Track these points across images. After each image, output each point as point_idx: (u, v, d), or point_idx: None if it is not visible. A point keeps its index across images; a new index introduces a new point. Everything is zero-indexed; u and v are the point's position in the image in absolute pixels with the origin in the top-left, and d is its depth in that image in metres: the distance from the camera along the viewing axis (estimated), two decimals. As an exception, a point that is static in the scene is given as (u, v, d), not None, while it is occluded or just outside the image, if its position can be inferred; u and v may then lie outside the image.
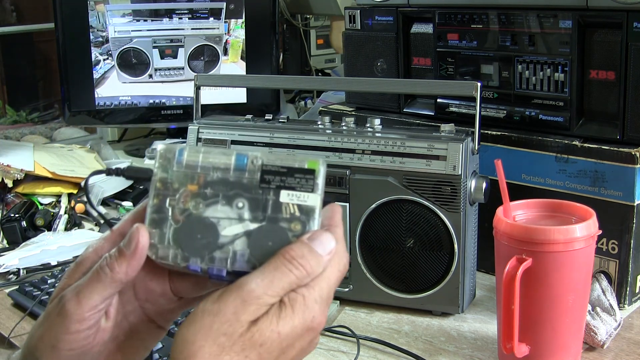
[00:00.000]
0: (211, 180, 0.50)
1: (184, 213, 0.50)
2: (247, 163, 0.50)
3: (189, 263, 0.49)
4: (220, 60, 1.74)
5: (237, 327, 0.46)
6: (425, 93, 1.17)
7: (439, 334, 0.95)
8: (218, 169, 0.50)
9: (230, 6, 1.72)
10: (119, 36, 1.69)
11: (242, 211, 0.49)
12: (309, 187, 0.49)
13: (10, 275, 1.16)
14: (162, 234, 0.50)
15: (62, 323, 0.50)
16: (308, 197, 0.49)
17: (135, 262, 0.50)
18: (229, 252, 0.49)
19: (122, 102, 1.73)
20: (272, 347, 0.47)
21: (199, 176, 0.50)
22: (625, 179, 0.93)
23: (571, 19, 0.96)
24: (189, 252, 0.49)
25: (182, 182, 0.50)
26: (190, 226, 0.49)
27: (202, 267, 0.49)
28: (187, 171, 0.50)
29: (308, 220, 0.49)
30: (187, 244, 0.49)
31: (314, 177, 0.49)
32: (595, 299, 0.92)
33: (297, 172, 0.49)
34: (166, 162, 0.51)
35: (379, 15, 1.20)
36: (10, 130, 2.07)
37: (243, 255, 0.49)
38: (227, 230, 0.49)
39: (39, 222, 1.33)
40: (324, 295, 0.49)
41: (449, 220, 0.94)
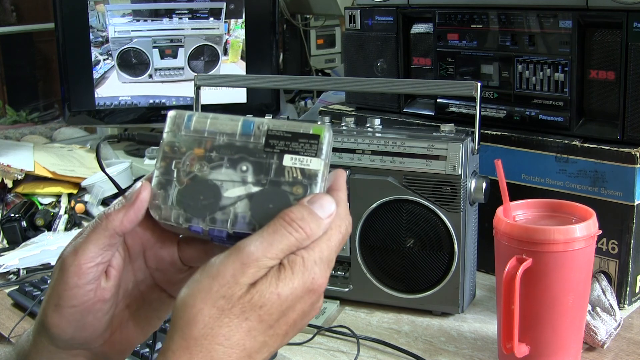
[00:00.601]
0: (217, 144, 0.50)
1: (189, 175, 0.50)
2: (254, 128, 0.50)
3: (190, 224, 0.50)
4: (220, 60, 1.74)
5: (236, 289, 0.46)
6: (425, 93, 1.17)
7: (439, 334, 0.95)
8: (224, 134, 0.50)
9: (230, 6, 1.72)
10: (119, 36, 1.69)
11: (246, 174, 0.49)
12: (312, 151, 0.49)
13: (10, 275, 1.16)
14: (166, 195, 0.50)
15: (62, 279, 0.51)
16: (311, 161, 0.49)
17: (132, 214, 0.50)
18: (230, 214, 0.49)
19: (122, 102, 1.73)
20: (272, 308, 0.47)
21: (206, 141, 0.50)
22: (625, 179, 0.93)
23: (571, 19, 0.96)
24: (191, 213, 0.50)
25: (189, 146, 0.51)
26: (193, 188, 0.50)
27: (204, 227, 0.49)
28: (195, 135, 0.51)
29: (310, 184, 0.49)
30: (189, 205, 0.50)
31: (318, 142, 0.49)
32: (595, 299, 0.92)
33: (302, 137, 0.49)
34: (175, 127, 0.51)
35: (379, 15, 1.20)
36: (10, 130, 2.07)
37: (244, 217, 0.49)
38: (230, 192, 0.49)
39: (39, 222, 1.33)
40: (324, 257, 0.49)
41: (449, 220, 0.94)
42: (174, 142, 0.51)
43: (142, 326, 0.56)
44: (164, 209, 0.50)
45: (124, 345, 0.56)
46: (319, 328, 0.95)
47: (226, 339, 0.46)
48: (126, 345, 0.56)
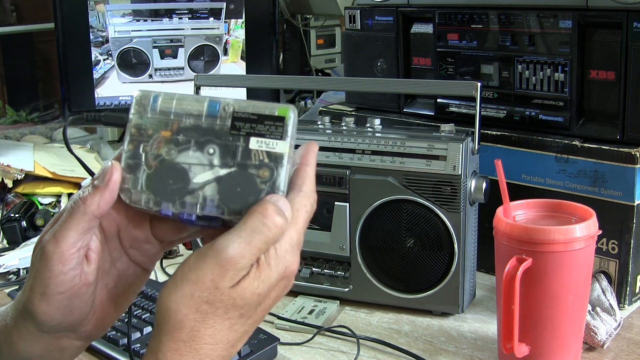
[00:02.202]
0: (184, 126, 0.51)
1: (157, 159, 0.51)
2: (219, 109, 0.51)
3: (160, 208, 0.51)
4: (220, 60, 1.74)
5: (218, 294, 0.48)
6: (425, 93, 1.17)
7: (439, 334, 0.95)
8: (191, 116, 0.51)
9: (230, 6, 1.72)
10: (119, 36, 1.69)
11: (213, 157, 0.50)
12: (278, 134, 0.50)
13: (10, 275, 1.16)
14: (135, 179, 0.51)
15: (45, 267, 0.51)
16: (277, 144, 0.50)
17: (108, 195, 0.51)
18: (199, 198, 0.50)
19: (122, 102, 1.73)
20: (252, 305, 0.49)
21: (173, 123, 0.51)
22: (625, 179, 0.93)
23: (571, 19, 0.96)
24: (161, 197, 0.50)
25: (156, 129, 0.51)
26: (162, 172, 0.50)
27: (173, 211, 0.50)
28: (161, 117, 0.51)
29: (276, 167, 0.50)
30: (158, 189, 0.50)
31: (283, 124, 0.50)
32: (595, 299, 0.92)
33: (267, 119, 0.50)
34: (141, 108, 0.52)
35: (379, 15, 1.20)
36: (10, 130, 2.07)
37: (213, 200, 0.50)
38: (198, 177, 0.50)
39: (39, 222, 1.33)
40: (294, 243, 0.51)
41: (449, 220, 0.94)
42: (141, 124, 0.51)
43: (119, 302, 0.58)
44: (134, 193, 0.51)
45: (103, 323, 0.57)
46: (319, 328, 0.95)
47: (212, 338, 0.49)
48: (105, 322, 0.58)
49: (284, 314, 1.00)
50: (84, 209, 0.51)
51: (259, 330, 0.92)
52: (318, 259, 1.05)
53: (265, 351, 0.88)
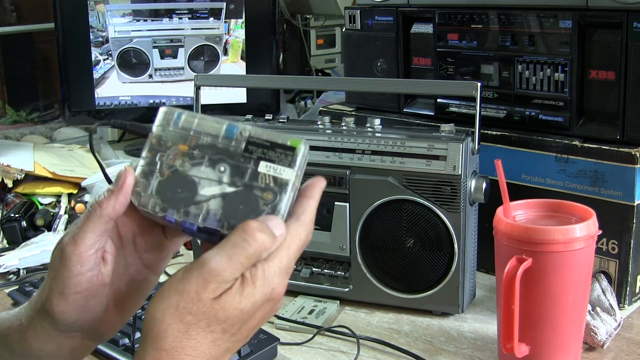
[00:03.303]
0: (201, 143, 0.54)
1: (171, 168, 0.54)
2: (236, 133, 0.54)
3: (165, 213, 0.53)
4: (220, 60, 1.74)
5: (201, 306, 0.50)
6: (425, 93, 1.17)
7: (439, 334, 0.95)
8: (209, 135, 0.54)
9: (230, 6, 1.72)
10: (119, 36, 1.69)
11: (223, 175, 0.53)
12: (287, 162, 0.52)
13: (10, 275, 1.16)
14: (147, 184, 0.54)
15: (64, 268, 0.54)
16: (284, 170, 0.52)
17: (122, 198, 0.54)
18: (203, 209, 0.53)
19: (122, 102, 1.73)
20: (235, 320, 0.51)
21: (191, 139, 0.54)
22: (625, 179, 0.93)
23: (571, 19, 0.96)
24: (168, 204, 0.53)
25: (175, 142, 0.54)
26: (173, 181, 0.53)
27: (177, 219, 0.53)
28: (182, 132, 0.54)
29: (280, 191, 0.52)
30: (167, 196, 0.53)
31: (293, 154, 0.53)
32: (595, 299, 0.92)
33: (279, 147, 0.53)
34: (165, 122, 0.55)
35: (379, 15, 1.20)
36: (10, 130, 2.07)
37: (215, 214, 0.52)
38: (206, 190, 0.53)
39: (39, 222, 1.33)
40: (283, 267, 0.52)
41: (449, 220, 0.94)
42: (162, 135, 0.54)
43: (129, 305, 0.60)
44: (143, 197, 0.54)
45: (114, 324, 0.60)
46: (319, 328, 0.95)
47: (193, 350, 0.50)
48: (115, 324, 0.60)
49: (284, 314, 1.00)
50: (100, 212, 0.54)
51: (259, 330, 0.92)
52: (318, 259, 1.05)
53: (265, 351, 0.88)
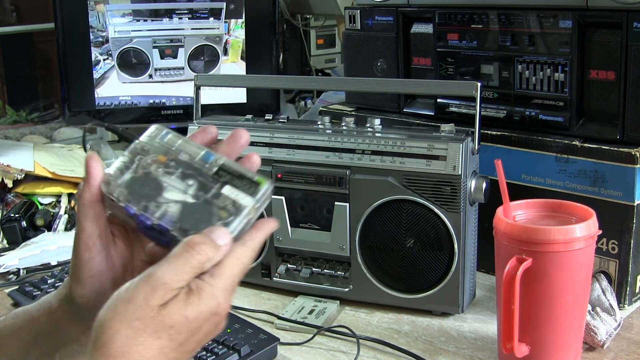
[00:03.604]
0: (179, 159, 0.59)
1: (145, 170, 0.59)
2: (212, 159, 0.58)
3: (127, 204, 0.57)
4: (220, 60, 1.74)
5: (148, 311, 0.52)
6: (425, 93, 1.17)
7: (439, 334, 0.95)
8: (188, 154, 0.59)
9: (230, 6, 1.72)
10: (119, 36, 1.69)
11: (189, 188, 0.58)
12: (249, 192, 0.57)
13: (10, 275, 1.16)
14: (119, 176, 0.59)
15: (76, 256, 0.60)
16: (244, 198, 0.56)
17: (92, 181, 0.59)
18: (161, 209, 0.57)
19: (122, 102, 1.73)
20: (181, 329, 0.53)
21: (172, 153, 0.59)
22: (625, 179, 0.93)
23: (571, 19, 0.96)
24: (132, 196, 0.57)
25: (156, 152, 0.60)
26: (144, 179, 0.58)
27: (135, 211, 0.57)
28: (165, 146, 0.60)
29: (235, 214, 0.56)
30: (133, 189, 0.58)
31: (257, 188, 0.57)
32: (595, 299, 0.92)
33: (247, 179, 0.57)
34: (153, 135, 0.61)
35: (379, 15, 1.20)
36: (10, 130, 2.07)
37: (171, 216, 0.56)
38: (170, 194, 0.57)
39: (39, 222, 1.33)
40: (228, 285, 0.55)
41: (449, 220, 0.94)
42: (146, 144, 0.60)
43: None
44: (112, 185, 0.58)
45: None
46: (319, 328, 0.95)
47: (141, 355, 0.52)
48: None
49: (284, 314, 1.00)
50: (82, 201, 0.59)
51: (259, 330, 0.92)
52: (318, 259, 1.05)
53: (265, 351, 0.88)
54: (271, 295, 1.08)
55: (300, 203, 1.03)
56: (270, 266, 1.08)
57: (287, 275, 1.07)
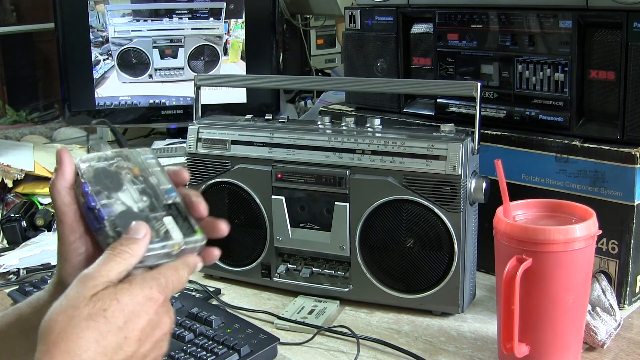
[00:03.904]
0: (148, 179, 0.67)
1: (117, 170, 0.66)
2: (173, 195, 0.66)
3: (87, 182, 0.64)
4: (220, 60, 1.74)
5: (81, 299, 0.56)
6: (425, 93, 1.17)
7: (439, 334, 0.95)
8: (157, 180, 0.67)
9: (230, 6, 1.72)
10: (119, 36, 1.69)
11: (141, 202, 0.65)
12: (184, 232, 0.64)
13: (10, 275, 1.16)
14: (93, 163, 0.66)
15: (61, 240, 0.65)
16: (177, 233, 0.64)
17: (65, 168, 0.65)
18: (109, 201, 0.64)
19: (122, 102, 1.73)
20: (116, 312, 0.57)
21: (146, 172, 0.67)
22: (625, 179, 0.93)
23: (571, 19, 0.96)
24: (94, 179, 0.65)
25: (135, 164, 0.68)
26: (111, 175, 0.66)
27: (89, 190, 0.64)
28: (144, 165, 0.68)
29: (162, 240, 0.63)
30: (98, 176, 0.65)
31: (192, 233, 0.64)
32: (595, 299, 0.92)
33: (189, 224, 0.65)
34: (141, 152, 0.69)
35: (379, 15, 1.20)
36: (10, 130, 2.07)
37: (112, 211, 0.63)
38: (122, 196, 0.65)
39: (39, 222, 1.33)
40: (161, 281, 0.60)
41: (449, 220, 0.94)
42: (132, 154, 0.68)
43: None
44: (83, 165, 0.65)
45: None
46: (319, 328, 0.95)
47: (79, 338, 0.55)
48: None
49: (284, 314, 1.00)
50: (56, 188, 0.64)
51: (259, 330, 0.92)
52: (318, 259, 1.05)
53: (265, 351, 0.88)
54: (271, 295, 1.08)
55: (300, 203, 1.03)
56: (270, 266, 1.08)
57: (287, 275, 1.07)
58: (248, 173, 1.06)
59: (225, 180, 1.08)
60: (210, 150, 1.08)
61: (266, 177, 1.04)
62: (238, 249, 1.09)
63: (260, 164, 1.05)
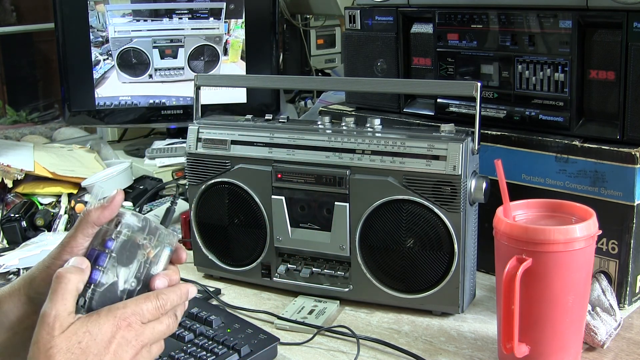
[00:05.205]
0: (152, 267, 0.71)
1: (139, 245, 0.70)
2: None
3: (111, 240, 0.69)
4: (220, 60, 1.74)
5: (55, 340, 0.63)
6: (425, 93, 1.17)
7: (439, 334, 0.95)
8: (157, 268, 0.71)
9: (230, 6, 1.72)
10: (119, 36, 1.69)
11: (129, 284, 0.69)
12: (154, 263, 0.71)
13: (11, 276, 1.16)
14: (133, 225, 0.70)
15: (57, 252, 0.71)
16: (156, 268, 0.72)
17: (107, 212, 0.70)
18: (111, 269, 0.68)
19: (122, 102, 1.73)
20: (89, 343, 0.63)
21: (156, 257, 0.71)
22: (625, 179, 0.93)
23: (571, 19, 0.96)
24: (120, 246, 0.69)
25: (155, 246, 0.71)
26: (133, 248, 0.70)
27: (108, 250, 0.69)
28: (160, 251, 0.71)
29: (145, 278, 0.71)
30: (124, 244, 0.69)
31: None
32: (595, 299, 0.92)
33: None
34: (168, 236, 0.72)
35: (379, 15, 1.20)
36: (10, 130, 2.07)
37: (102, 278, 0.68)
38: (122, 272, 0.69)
39: (39, 222, 1.33)
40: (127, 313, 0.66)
41: (449, 220, 0.94)
42: (161, 236, 0.71)
43: None
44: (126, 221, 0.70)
45: None
46: (319, 328, 0.95)
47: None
48: None
49: (284, 314, 1.00)
50: (87, 217, 0.70)
51: (259, 330, 0.92)
52: (318, 259, 1.05)
53: (265, 351, 0.88)
54: (271, 295, 1.08)
55: (300, 203, 1.03)
56: (270, 266, 1.08)
57: (287, 275, 1.07)
58: (248, 173, 1.06)
59: (225, 180, 1.08)
60: (210, 150, 1.08)
61: (266, 177, 1.04)
62: (238, 249, 1.09)
63: (260, 164, 1.05)
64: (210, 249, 1.12)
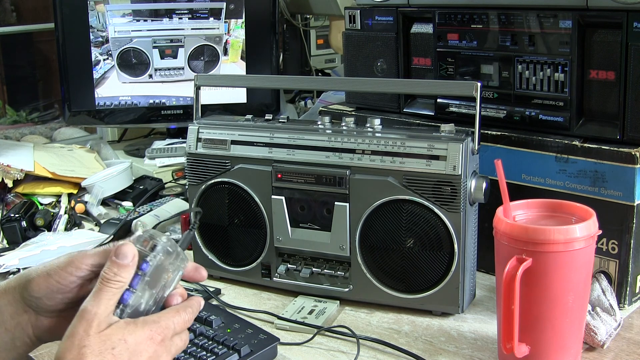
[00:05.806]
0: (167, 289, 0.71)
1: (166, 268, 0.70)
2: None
3: (147, 264, 0.69)
4: (220, 60, 1.74)
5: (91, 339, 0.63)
6: (425, 93, 1.17)
7: (439, 334, 0.95)
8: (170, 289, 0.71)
9: (230, 6, 1.72)
10: (119, 36, 1.69)
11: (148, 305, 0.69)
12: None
13: (10, 276, 1.15)
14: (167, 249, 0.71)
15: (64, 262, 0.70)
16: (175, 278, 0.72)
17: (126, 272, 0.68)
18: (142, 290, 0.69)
19: (122, 102, 1.73)
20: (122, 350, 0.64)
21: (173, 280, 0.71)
22: (625, 179, 0.93)
23: (571, 19, 0.96)
24: (155, 269, 0.70)
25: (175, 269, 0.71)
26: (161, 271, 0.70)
27: (143, 273, 0.69)
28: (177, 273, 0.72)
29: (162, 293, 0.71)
30: (158, 267, 0.70)
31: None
32: (595, 299, 0.92)
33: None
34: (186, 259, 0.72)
35: (379, 15, 1.20)
36: (10, 130, 2.07)
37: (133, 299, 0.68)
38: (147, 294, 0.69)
39: (39, 222, 1.33)
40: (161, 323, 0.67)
41: (449, 220, 0.94)
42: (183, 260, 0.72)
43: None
44: (161, 244, 0.70)
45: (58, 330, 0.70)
46: (319, 328, 0.95)
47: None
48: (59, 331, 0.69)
49: (284, 314, 1.00)
50: (118, 250, 0.67)
51: (259, 330, 0.92)
52: (318, 259, 1.05)
53: (265, 351, 0.88)
54: (271, 295, 1.08)
55: (300, 203, 1.03)
56: (270, 266, 1.08)
57: (287, 275, 1.07)
58: (248, 173, 1.06)
59: (225, 180, 1.08)
60: (210, 150, 1.08)
61: (266, 177, 1.04)
62: (238, 249, 1.09)
63: (260, 164, 1.05)
64: (210, 249, 1.12)
